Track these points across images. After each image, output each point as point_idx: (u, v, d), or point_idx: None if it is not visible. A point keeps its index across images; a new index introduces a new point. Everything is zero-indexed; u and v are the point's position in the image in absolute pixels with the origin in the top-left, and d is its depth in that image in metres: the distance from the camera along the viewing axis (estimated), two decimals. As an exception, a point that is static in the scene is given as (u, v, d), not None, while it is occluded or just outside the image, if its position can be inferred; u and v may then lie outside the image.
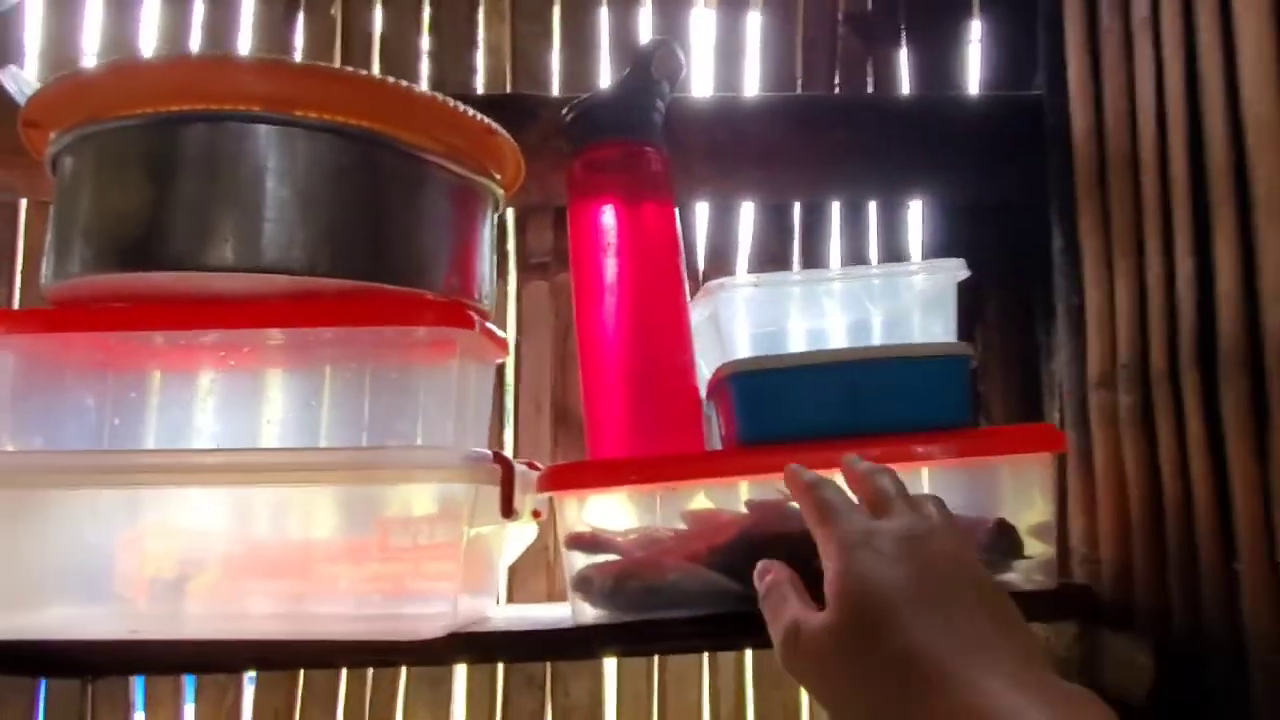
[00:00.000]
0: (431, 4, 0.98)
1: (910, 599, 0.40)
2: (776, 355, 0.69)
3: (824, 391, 0.66)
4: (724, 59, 0.97)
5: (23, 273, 0.94)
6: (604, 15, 0.98)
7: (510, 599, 0.90)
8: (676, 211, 0.77)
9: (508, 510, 0.66)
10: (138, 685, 0.90)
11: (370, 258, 0.63)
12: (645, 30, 0.98)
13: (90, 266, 0.61)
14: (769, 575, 0.50)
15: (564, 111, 0.77)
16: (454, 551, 0.65)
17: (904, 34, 0.98)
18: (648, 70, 0.75)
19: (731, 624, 0.65)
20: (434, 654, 0.64)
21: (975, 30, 0.98)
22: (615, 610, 0.67)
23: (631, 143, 0.76)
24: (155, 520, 0.72)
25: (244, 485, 0.65)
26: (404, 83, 0.63)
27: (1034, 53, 0.90)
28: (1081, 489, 0.76)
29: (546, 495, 0.74)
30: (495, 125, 0.69)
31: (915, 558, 0.42)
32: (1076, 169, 0.74)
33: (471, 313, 0.69)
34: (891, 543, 0.43)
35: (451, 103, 0.66)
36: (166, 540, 0.71)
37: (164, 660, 0.69)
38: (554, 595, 0.90)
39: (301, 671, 0.89)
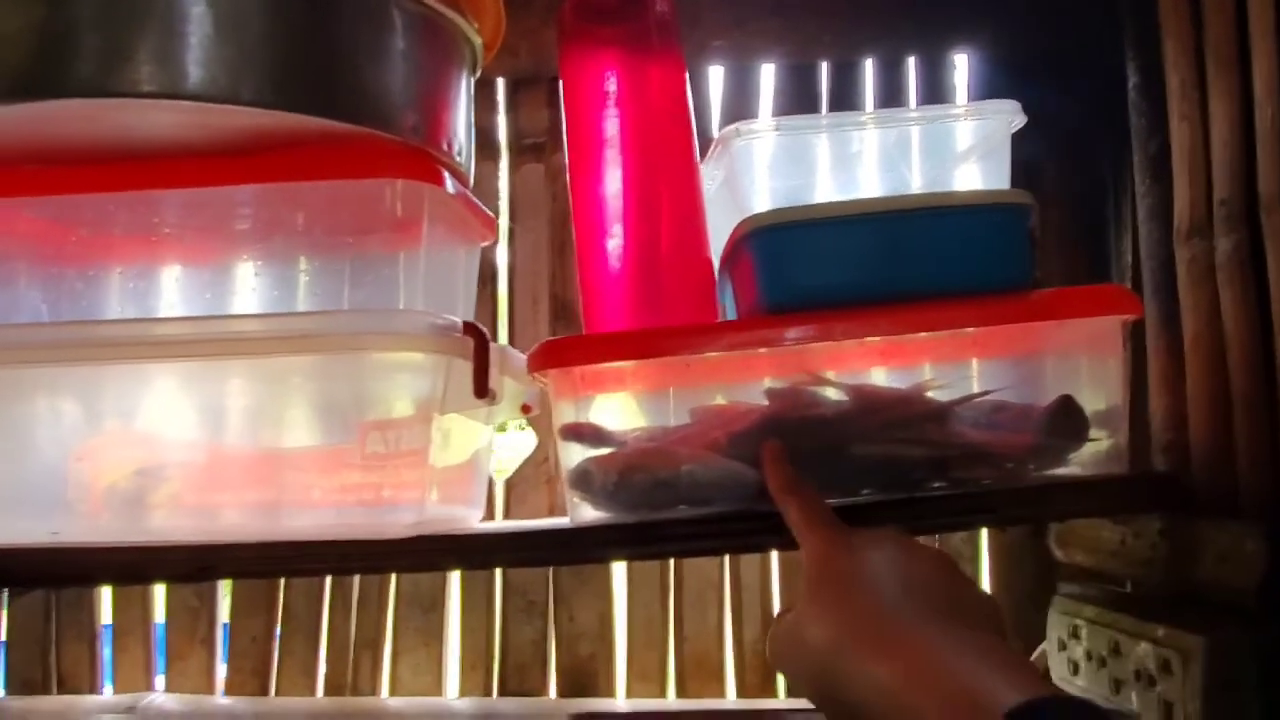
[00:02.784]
0: None
1: (869, 576, 0.43)
2: (803, 206, 0.59)
3: (860, 248, 0.56)
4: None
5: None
6: None
7: (507, 516, 0.81)
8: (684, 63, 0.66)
9: (481, 389, 0.56)
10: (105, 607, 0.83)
11: (307, 86, 0.53)
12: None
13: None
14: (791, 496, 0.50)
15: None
16: (422, 436, 0.55)
17: None
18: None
19: (755, 521, 0.55)
20: (407, 556, 0.55)
21: None
22: (619, 509, 0.58)
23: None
24: (114, 427, 0.63)
25: (169, 359, 0.55)
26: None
27: None
28: (1165, 364, 0.65)
29: (537, 388, 0.64)
30: (465, -53, 0.59)
31: (875, 553, 0.44)
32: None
33: (440, 168, 0.58)
34: (858, 542, 0.45)
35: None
36: (126, 449, 0.62)
37: (133, 570, 0.60)
38: (556, 512, 0.80)
39: (281, 597, 0.81)
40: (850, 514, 0.55)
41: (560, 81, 0.68)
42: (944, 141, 0.64)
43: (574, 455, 0.59)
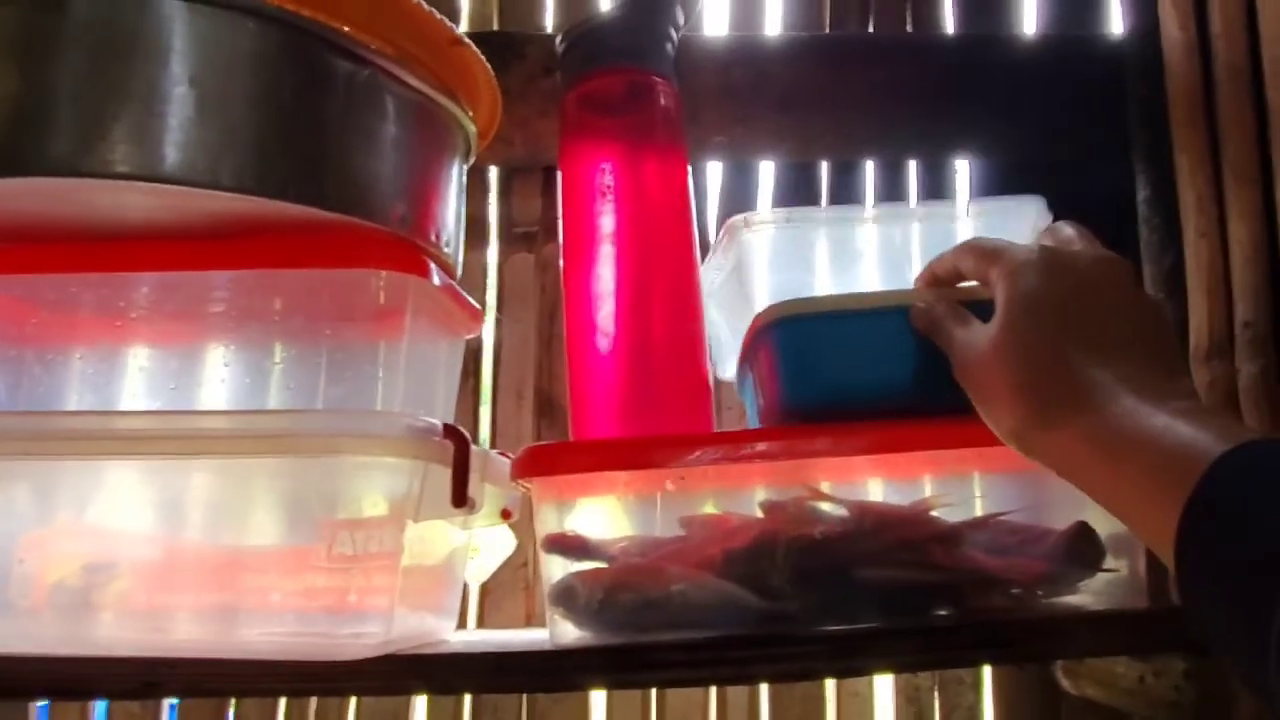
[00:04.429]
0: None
1: (1075, 313, 0.42)
2: (830, 296, 0.56)
3: (890, 341, 0.52)
4: (739, 1, 0.85)
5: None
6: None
7: (481, 624, 0.76)
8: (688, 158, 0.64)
9: (459, 497, 0.52)
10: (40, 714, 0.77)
11: (292, 173, 0.51)
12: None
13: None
14: (927, 315, 0.50)
15: (559, 37, 0.64)
16: (393, 548, 0.51)
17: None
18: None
19: (748, 649, 0.51)
20: (370, 679, 0.50)
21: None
22: (604, 629, 0.53)
23: (638, 71, 0.64)
24: (63, 518, 0.59)
25: (130, 456, 0.51)
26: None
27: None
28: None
29: (519, 492, 0.61)
30: (462, 35, 0.57)
31: (1077, 273, 0.43)
32: (1171, 98, 0.61)
33: (427, 259, 0.56)
34: (1053, 260, 0.44)
35: (407, -5, 0.53)
36: (75, 542, 0.58)
37: (75, 683, 0.55)
38: (534, 621, 0.75)
39: (231, 713, 0.75)
40: (851, 644, 0.52)
41: (558, 172, 0.66)
42: (967, 235, 0.62)
43: (557, 569, 0.55)
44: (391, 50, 0.54)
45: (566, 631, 0.54)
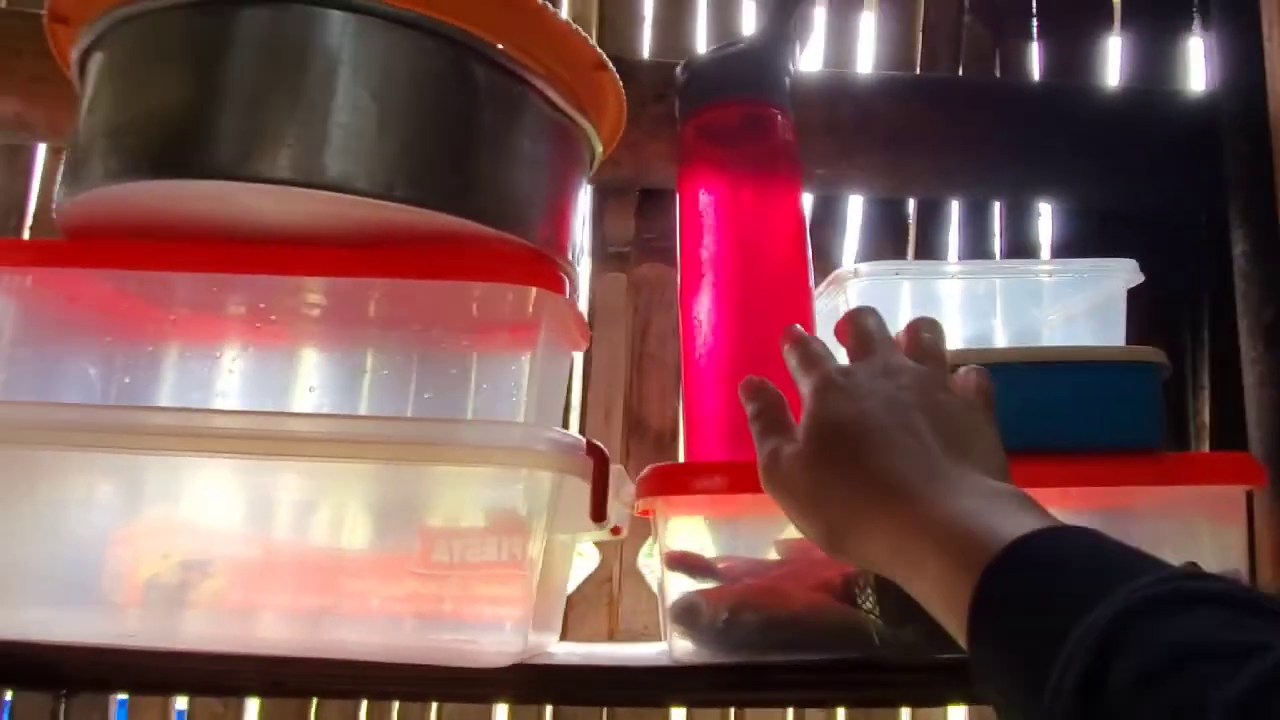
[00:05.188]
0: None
1: (871, 429, 0.42)
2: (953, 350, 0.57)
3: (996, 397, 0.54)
4: (835, 38, 0.86)
5: (32, 229, 0.82)
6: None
7: (564, 637, 0.76)
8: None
9: (598, 513, 0.53)
10: (119, 710, 0.76)
11: (456, 186, 0.52)
12: (748, 8, 0.87)
13: (115, 174, 0.49)
14: (760, 399, 0.49)
15: (679, 67, 0.65)
16: (529, 559, 0.51)
17: (1035, 23, 0.87)
18: (784, 24, 0.64)
19: (874, 672, 0.52)
20: (499, 687, 0.51)
21: (1115, 25, 0.87)
22: (724, 648, 0.54)
23: (758, 103, 0.64)
24: (159, 513, 0.59)
25: (277, 458, 0.51)
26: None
27: (1179, 50, 0.80)
28: (1278, 538, 0.63)
29: (628, 510, 0.62)
30: (605, 59, 0.58)
31: (880, 392, 0.44)
32: (1277, 156, 0.63)
33: (563, 276, 0.57)
34: (860, 381, 0.45)
35: (565, 21, 0.54)
36: (170, 538, 0.58)
37: (163, 677, 0.55)
38: (617, 635, 0.76)
39: (313, 715, 0.75)
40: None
41: (657, 194, 0.67)
42: (1068, 291, 0.63)
43: (680, 587, 0.56)
44: (542, 70, 0.55)
45: (684, 648, 0.55)
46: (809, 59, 0.85)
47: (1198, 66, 0.83)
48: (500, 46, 0.53)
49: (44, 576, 0.55)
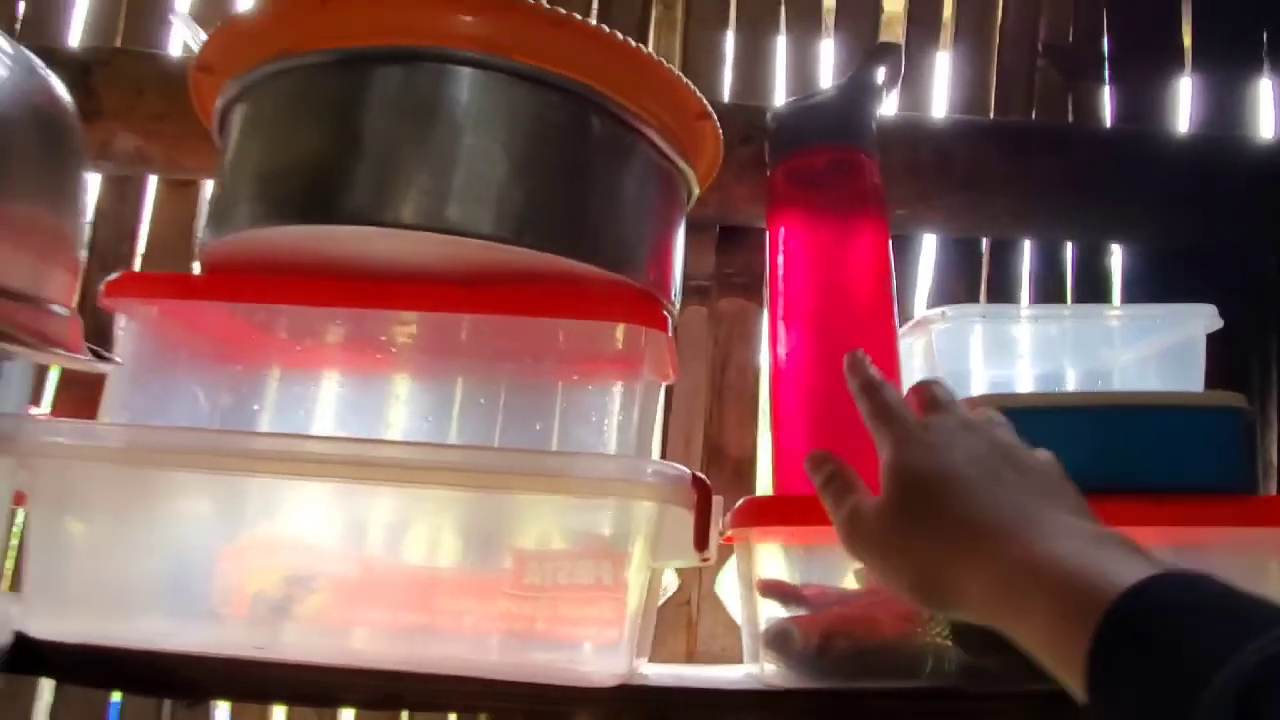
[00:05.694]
0: (599, 13, 0.91)
1: (957, 478, 0.42)
2: (1022, 394, 0.59)
3: (1077, 438, 0.56)
4: (911, 83, 0.89)
5: (144, 256, 0.87)
6: (781, 43, 0.91)
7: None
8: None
9: (701, 542, 0.55)
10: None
11: (569, 229, 0.54)
12: (825, 53, 0.90)
13: (261, 219, 0.53)
14: (828, 466, 0.50)
15: (769, 114, 0.68)
16: (632, 584, 0.54)
17: (1108, 68, 0.89)
18: (873, 73, 0.66)
19: (962, 700, 0.54)
20: (601, 705, 0.53)
21: (1185, 80, 0.89)
22: (817, 674, 0.56)
23: (847, 150, 0.67)
24: (265, 530, 0.62)
25: (420, 484, 0.54)
26: (627, 37, 0.55)
27: (1247, 102, 0.82)
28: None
29: (720, 537, 0.64)
30: (708, 108, 0.61)
31: (961, 445, 0.44)
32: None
33: (666, 314, 0.59)
34: (940, 434, 0.45)
35: (672, 70, 0.57)
36: (275, 554, 0.61)
37: (265, 686, 0.58)
38: (695, 657, 0.78)
39: (404, 715, 0.78)
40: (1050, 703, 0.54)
41: (731, 230, 0.70)
42: (1145, 336, 0.65)
43: (770, 614, 0.59)
44: (652, 119, 0.58)
45: (777, 673, 0.57)
46: (888, 103, 0.87)
47: (1268, 108, 0.85)
48: (616, 98, 0.56)
49: (157, 589, 0.58)
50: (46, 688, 0.76)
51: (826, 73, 0.91)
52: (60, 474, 0.55)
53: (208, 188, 0.88)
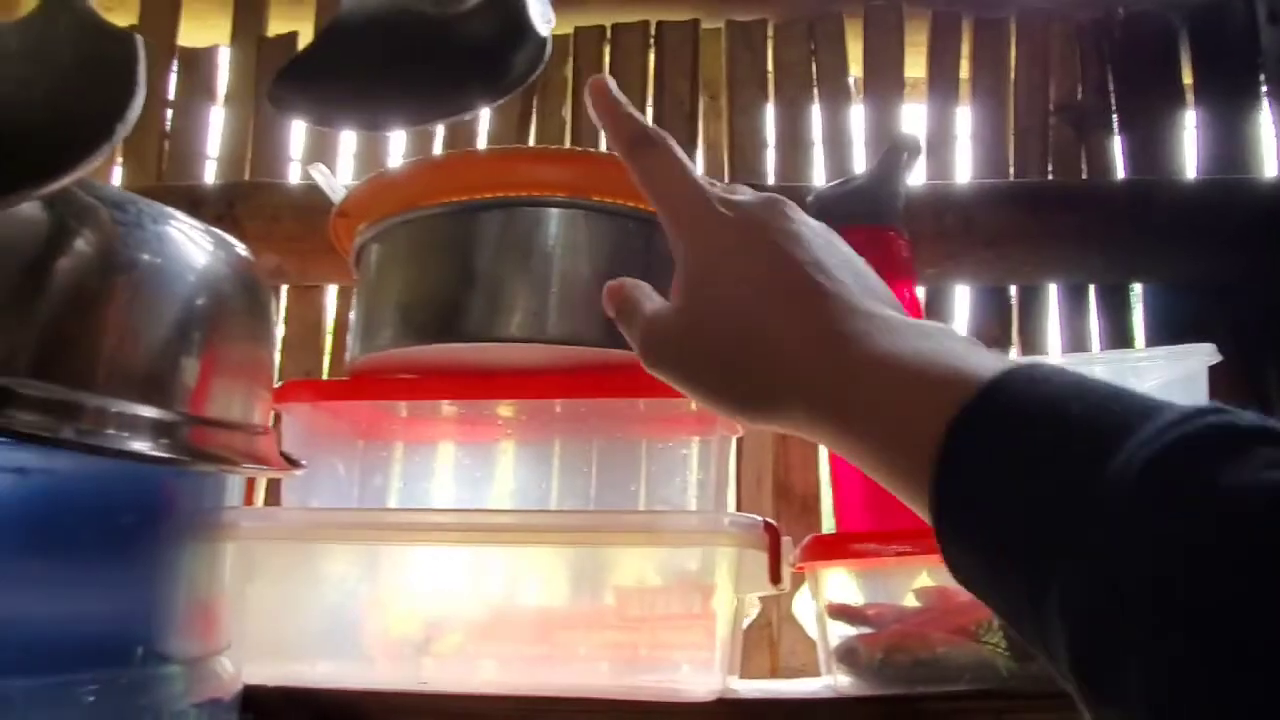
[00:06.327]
0: (654, 104, 1.03)
1: (783, 265, 0.35)
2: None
3: None
4: (935, 148, 0.99)
5: (281, 350, 1.01)
6: (815, 112, 1.02)
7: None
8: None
9: (775, 577, 0.66)
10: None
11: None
12: (856, 124, 1.01)
13: (399, 340, 0.66)
14: (617, 295, 0.42)
15: (809, 198, 0.79)
16: (722, 614, 0.65)
17: (1116, 121, 0.98)
18: (897, 160, 0.77)
19: (1006, 699, 0.63)
20: (702, 718, 0.64)
21: (1190, 118, 0.97)
22: (881, 683, 0.66)
23: (879, 230, 0.77)
24: (405, 584, 0.74)
25: (521, 544, 0.66)
26: (684, 170, 0.66)
27: (1250, 138, 0.89)
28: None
29: (791, 568, 0.74)
30: (753, 210, 0.72)
31: (756, 219, 0.37)
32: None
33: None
34: (749, 210, 0.38)
35: (722, 190, 0.69)
36: (414, 604, 0.73)
37: (423, 714, 0.70)
38: (778, 673, 0.88)
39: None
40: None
41: None
42: (1152, 376, 0.73)
43: (839, 633, 0.69)
44: (709, 230, 0.70)
45: (847, 684, 0.67)
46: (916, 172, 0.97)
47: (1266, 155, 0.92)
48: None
49: (318, 637, 0.71)
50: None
51: (858, 137, 1.02)
52: (246, 550, 0.68)
53: (329, 291, 1.03)
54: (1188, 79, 0.99)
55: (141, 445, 0.44)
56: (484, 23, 0.39)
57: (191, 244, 0.50)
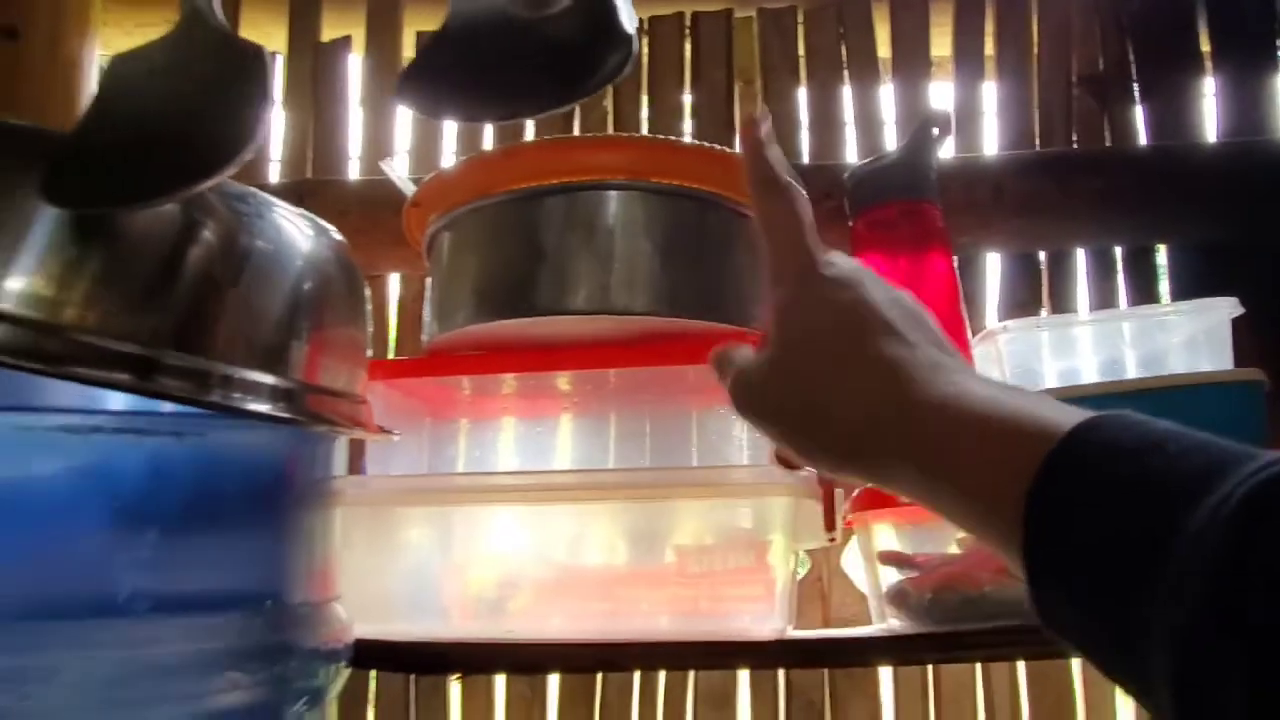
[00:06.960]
0: (691, 91, 1.07)
1: (875, 321, 0.37)
2: (1074, 386, 0.72)
3: None
4: (963, 123, 1.02)
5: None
6: (846, 93, 1.05)
7: (787, 625, 0.94)
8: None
9: (830, 524, 0.70)
10: (453, 693, 0.98)
11: (700, 298, 0.70)
12: (887, 103, 1.04)
13: (475, 317, 0.70)
14: (718, 349, 0.45)
15: (847, 175, 0.83)
16: (780, 565, 0.69)
17: (1137, 90, 1.01)
18: (928, 135, 0.80)
19: (1039, 634, 0.67)
20: (767, 656, 0.68)
21: (1209, 84, 0.99)
22: (930, 622, 0.70)
23: (914, 202, 0.81)
24: (480, 546, 0.79)
25: (586, 501, 0.71)
26: (729, 150, 0.71)
27: (1268, 101, 0.92)
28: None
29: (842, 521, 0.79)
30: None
31: (869, 285, 0.39)
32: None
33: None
34: (844, 270, 0.40)
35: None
36: (488, 565, 0.78)
37: (491, 661, 0.74)
38: (830, 623, 0.92)
39: (598, 693, 0.95)
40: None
41: None
42: (1178, 330, 0.77)
43: (890, 577, 0.73)
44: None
45: (898, 625, 0.72)
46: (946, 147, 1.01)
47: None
48: (723, 194, 0.72)
49: (402, 596, 0.76)
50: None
51: (888, 115, 1.05)
52: (343, 516, 0.73)
53: (392, 280, 1.08)
54: (1206, 46, 1.01)
55: (266, 408, 0.49)
56: (574, 24, 0.44)
57: (298, 231, 0.55)
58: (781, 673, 0.92)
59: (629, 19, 0.42)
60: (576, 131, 1.08)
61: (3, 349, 0.42)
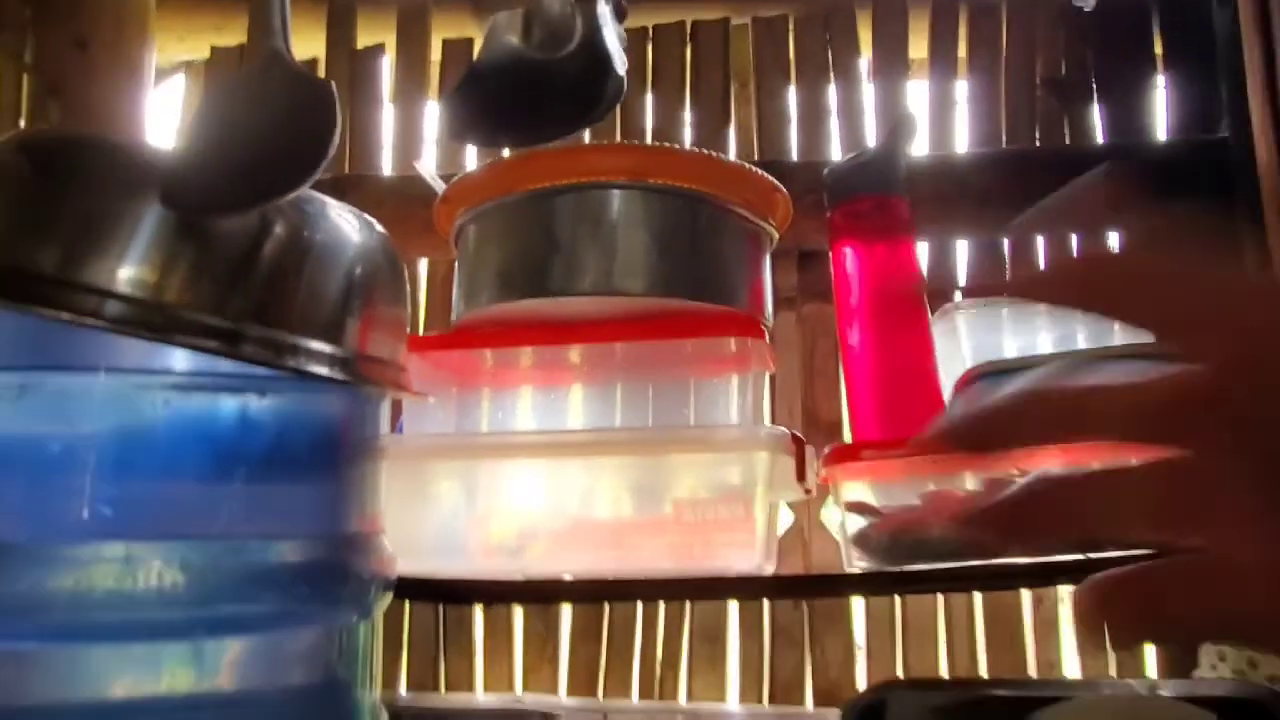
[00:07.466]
0: (691, 93, 1.17)
1: None
2: (1019, 358, 0.82)
3: None
4: (936, 121, 1.11)
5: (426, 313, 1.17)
6: (831, 93, 1.14)
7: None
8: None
9: (801, 475, 0.80)
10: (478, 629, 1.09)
11: (692, 282, 0.80)
12: (868, 100, 1.13)
13: (497, 298, 0.80)
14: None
15: (825, 171, 0.92)
16: (761, 515, 0.79)
17: (1095, 90, 1.09)
18: (899, 137, 0.90)
19: (986, 571, 0.77)
20: (752, 589, 0.79)
21: (1161, 82, 1.08)
22: (888, 561, 0.80)
23: (884, 197, 0.90)
24: (503, 498, 0.89)
25: (594, 455, 0.81)
26: (718, 155, 0.80)
27: (1218, 99, 1.00)
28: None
29: (818, 476, 0.89)
30: (778, 184, 0.86)
31: None
32: (1264, 200, 0.84)
33: (762, 328, 0.84)
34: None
35: (750, 168, 0.82)
36: (508, 517, 0.88)
37: (507, 592, 0.85)
38: (809, 569, 1.03)
39: (605, 627, 1.06)
40: (1046, 570, 0.77)
41: (806, 253, 0.93)
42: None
43: (856, 524, 0.83)
44: (741, 200, 0.83)
45: (863, 565, 0.82)
46: (918, 144, 1.10)
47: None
48: (716, 193, 0.81)
49: (432, 540, 0.86)
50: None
51: (870, 111, 1.14)
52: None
53: (420, 265, 1.18)
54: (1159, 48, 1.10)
55: (328, 371, 0.59)
56: (578, 65, 0.53)
57: (350, 226, 0.65)
58: (767, 613, 1.03)
59: (620, 62, 0.52)
60: (586, 139, 1.17)
61: (120, 321, 0.52)
